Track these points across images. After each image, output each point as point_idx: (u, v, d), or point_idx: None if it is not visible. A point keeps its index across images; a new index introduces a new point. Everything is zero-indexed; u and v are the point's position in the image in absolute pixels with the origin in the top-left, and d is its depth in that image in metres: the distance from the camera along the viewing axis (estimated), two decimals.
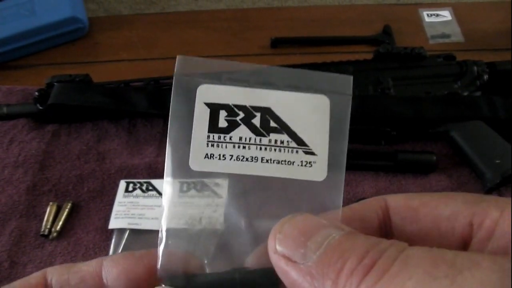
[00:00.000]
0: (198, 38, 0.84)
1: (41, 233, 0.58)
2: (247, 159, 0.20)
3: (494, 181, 0.58)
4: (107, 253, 0.56)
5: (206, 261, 0.20)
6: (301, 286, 0.17)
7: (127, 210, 0.59)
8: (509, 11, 0.81)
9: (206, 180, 0.21)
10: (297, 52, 0.80)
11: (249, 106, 0.21)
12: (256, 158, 0.20)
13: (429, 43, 0.81)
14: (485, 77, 0.67)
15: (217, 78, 0.21)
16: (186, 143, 0.20)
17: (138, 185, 0.61)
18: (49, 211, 0.59)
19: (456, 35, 0.82)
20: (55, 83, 0.66)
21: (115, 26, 0.87)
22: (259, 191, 0.21)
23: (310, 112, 0.21)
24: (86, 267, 0.21)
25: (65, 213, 0.59)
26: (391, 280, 0.14)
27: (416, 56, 0.68)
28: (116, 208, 0.59)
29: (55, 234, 0.58)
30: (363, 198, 0.58)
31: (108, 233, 0.58)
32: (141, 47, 0.83)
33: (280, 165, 0.20)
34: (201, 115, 0.20)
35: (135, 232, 0.57)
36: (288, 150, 0.20)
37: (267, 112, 0.21)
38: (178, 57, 0.21)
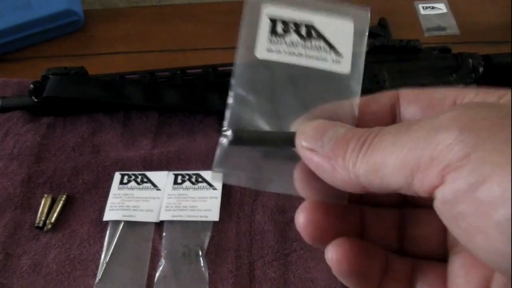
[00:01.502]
0: (194, 31, 0.84)
1: (36, 225, 0.58)
2: (295, 54, 0.30)
3: None
4: (101, 245, 0.56)
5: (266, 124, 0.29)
6: (323, 166, 0.24)
7: (122, 202, 0.59)
8: (505, 4, 0.81)
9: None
10: None
11: (299, 21, 0.30)
12: (301, 54, 0.30)
13: (424, 36, 0.81)
14: (481, 70, 0.66)
15: (277, 1, 0.30)
16: (252, 41, 0.30)
17: (133, 177, 0.61)
18: (44, 203, 0.59)
19: (452, 27, 0.82)
20: (50, 76, 0.66)
21: (111, 19, 0.87)
22: (304, 78, 0.30)
23: (339, 28, 0.30)
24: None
25: (59, 205, 0.59)
26: (373, 146, 0.23)
27: (411, 49, 0.68)
28: (111, 200, 0.59)
29: (49, 226, 0.58)
30: None
31: (103, 225, 0.58)
32: (137, 40, 0.83)
33: (318, 60, 0.30)
34: (265, 24, 0.30)
35: (129, 224, 0.57)
36: (324, 50, 0.30)
37: (310, 26, 0.30)
38: None
